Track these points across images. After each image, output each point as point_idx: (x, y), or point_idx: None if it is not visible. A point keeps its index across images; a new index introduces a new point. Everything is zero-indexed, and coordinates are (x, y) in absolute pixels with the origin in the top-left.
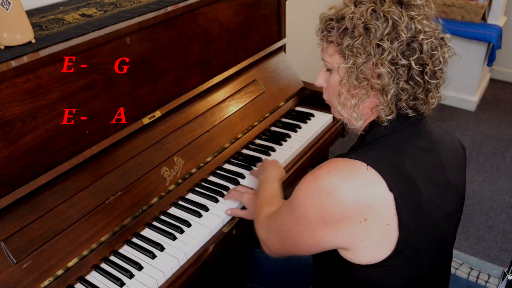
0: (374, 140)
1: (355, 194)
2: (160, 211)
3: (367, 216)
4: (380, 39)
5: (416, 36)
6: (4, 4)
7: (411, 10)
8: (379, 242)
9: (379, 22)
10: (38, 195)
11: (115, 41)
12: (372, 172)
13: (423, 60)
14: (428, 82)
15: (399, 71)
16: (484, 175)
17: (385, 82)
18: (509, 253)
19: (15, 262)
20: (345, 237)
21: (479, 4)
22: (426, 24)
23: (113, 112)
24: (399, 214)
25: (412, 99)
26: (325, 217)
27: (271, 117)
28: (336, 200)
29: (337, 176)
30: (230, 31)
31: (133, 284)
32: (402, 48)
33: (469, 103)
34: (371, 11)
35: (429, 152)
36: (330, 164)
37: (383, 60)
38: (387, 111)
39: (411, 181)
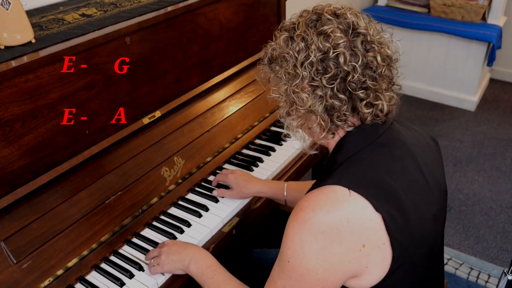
0: (346, 158)
1: (346, 223)
2: (160, 211)
3: (364, 242)
4: (294, 65)
5: (328, 52)
6: (4, 4)
7: (322, 25)
8: (380, 263)
9: (292, 49)
10: (38, 195)
11: (115, 41)
12: (356, 196)
13: (344, 72)
14: (355, 94)
15: (317, 92)
16: (484, 175)
17: (308, 104)
18: (509, 253)
19: (15, 262)
20: (352, 270)
21: (479, 4)
22: (339, 36)
23: (113, 112)
24: (389, 232)
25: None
26: (328, 258)
27: (271, 117)
28: (332, 236)
29: (323, 212)
30: (230, 31)
31: (133, 284)
32: (316, 69)
33: (469, 103)
34: (285, 38)
35: (404, 160)
36: (310, 201)
37: (299, 85)
38: (318, 130)
39: (395, 196)
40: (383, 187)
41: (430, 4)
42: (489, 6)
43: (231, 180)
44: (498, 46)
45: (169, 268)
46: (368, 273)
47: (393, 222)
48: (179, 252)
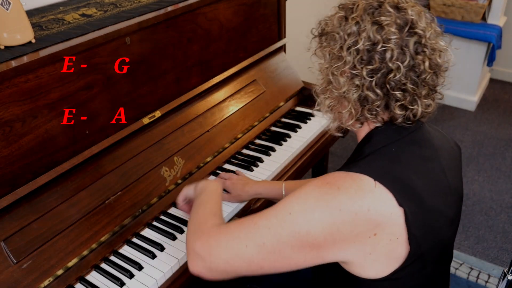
0: (374, 150)
1: (366, 211)
2: (160, 211)
3: (376, 232)
4: (340, 47)
5: (376, 44)
6: (4, 4)
7: (380, 16)
8: (387, 255)
9: (343, 30)
10: (38, 195)
11: (115, 41)
12: (381, 188)
13: (387, 69)
14: (391, 93)
15: (354, 81)
16: (484, 175)
17: (342, 90)
18: (509, 253)
19: (15, 262)
20: (352, 253)
21: (479, 4)
22: (392, 32)
23: (113, 112)
24: (409, 228)
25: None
26: (334, 234)
27: (271, 117)
28: (347, 217)
29: (348, 195)
30: (230, 31)
31: (133, 284)
32: (361, 57)
33: (469, 103)
34: (340, 17)
35: (431, 161)
36: (336, 180)
37: (340, 68)
38: (346, 117)
39: (418, 194)
40: (408, 183)
41: (430, 4)
42: (489, 6)
43: (228, 186)
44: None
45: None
46: (370, 261)
47: (414, 218)
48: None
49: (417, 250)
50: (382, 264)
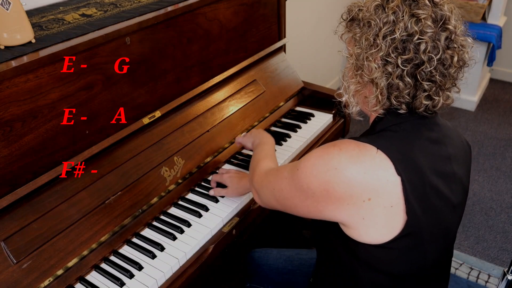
0: (385, 128)
1: (362, 174)
2: (160, 211)
3: (371, 197)
4: (376, 34)
5: (413, 35)
6: (4, 4)
7: (418, 9)
8: (381, 223)
9: (380, 18)
10: (38, 195)
11: (115, 41)
12: (382, 155)
13: (419, 60)
14: (421, 83)
15: (387, 68)
16: (484, 175)
17: (373, 75)
18: (509, 253)
19: (15, 262)
20: (346, 214)
21: (479, 4)
22: (429, 25)
23: (113, 112)
24: (406, 198)
25: (402, 96)
26: (329, 191)
27: (271, 117)
28: (342, 177)
29: (347, 155)
30: (230, 31)
31: (133, 284)
32: (395, 46)
33: (469, 103)
34: (376, 5)
35: (438, 144)
36: (342, 143)
37: (373, 55)
38: (373, 103)
39: (419, 169)
40: (410, 157)
41: None
42: (489, 6)
43: (226, 180)
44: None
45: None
46: (364, 227)
47: (412, 189)
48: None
49: (414, 221)
50: (377, 231)
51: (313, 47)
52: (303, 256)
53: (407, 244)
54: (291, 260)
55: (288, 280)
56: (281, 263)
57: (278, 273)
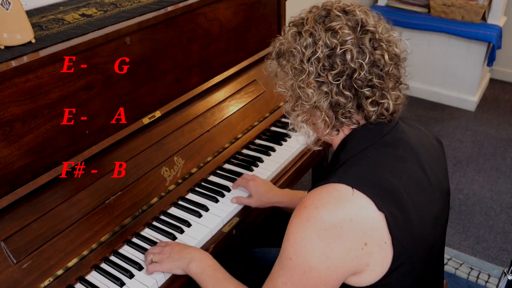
0: (350, 157)
1: (349, 222)
2: (160, 211)
3: (366, 241)
4: (301, 60)
5: (335, 48)
6: (4, 4)
7: (331, 21)
8: (381, 262)
9: (299, 44)
10: (38, 195)
11: (115, 41)
12: (359, 195)
13: (350, 69)
14: (361, 92)
15: (322, 88)
16: (484, 175)
17: (313, 100)
18: (509, 253)
19: (15, 262)
20: (353, 268)
21: (479, 4)
22: (346, 33)
23: (113, 112)
24: (391, 231)
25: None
26: (330, 255)
27: (271, 117)
28: (334, 234)
29: (326, 210)
30: (230, 31)
31: (133, 284)
32: (323, 64)
33: (469, 103)
34: (293, 33)
35: (408, 160)
36: (314, 199)
37: (304, 80)
38: (322, 126)
39: (397, 196)
40: (385, 186)
41: (430, 4)
42: (489, 6)
43: (251, 188)
44: (498, 46)
45: (169, 266)
46: (369, 271)
47: (395, 221)
48: (181, 251)
49: (402, 252)
50: (377, 271)
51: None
52: None
53: (400, 275)
54: None
55: None
56: None
57: None
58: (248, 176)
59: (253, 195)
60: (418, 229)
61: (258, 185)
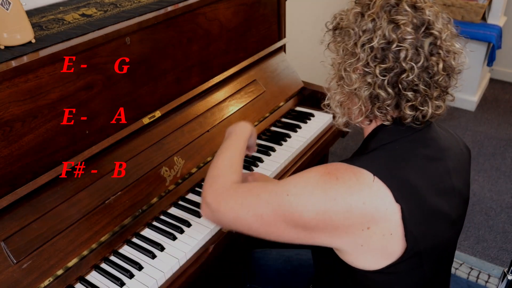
0: (378, 146)
1: (361, 205)
2: (160, 211)
3: (370, 226)
4: (355, 43)
5: (391, 43)
6: (4, 4)
7: (397, 14)
8: (380, 249)
9: (359, 26)
10: (38, 195)
11: (115, 41)
12: (379, 183)
13: (400, 68)
14: (403, 93)
15: (366, 78)
16: (484, 175)
17: (354, 86)
18: (509, 253)
19: (15, 262)
20: (343, 241)
21: (479, 4)
22: (408, 32)
23: (113, 112)
24: (405, 225)
25: (389, 106)
26: (326, 221)
27: (271, 117)
28: (341, 208)
29: (345, 186)
30: (230, 31)
31: (133, 284)
32: (374, 55)
33: (469, 103)
34: (356, 13)
35: (435, 161)
36: (338, 170)
37: (352, 64)
38: (356, 114)
39: (418, 193)
40: (408, 182)
41: None
42: (489, 6)
43: None
44: (498, 46)
45: None
46: (361, 252)
47: (411, 215)
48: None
49: (414, 247)
50: (374, 257)
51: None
52: (303, 257)
53: (406, 269)
54: (291, 260)
55: (287, 280)
56: (281, 264)
57: (278, 273)
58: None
59: None
60: (435, 229)
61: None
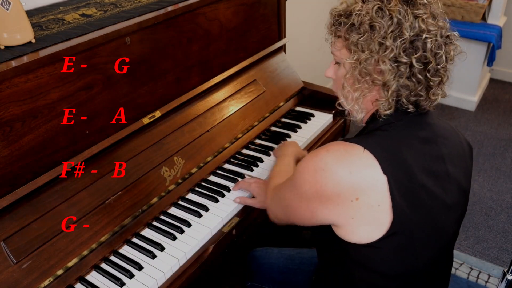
0: (376, 128)
1: (348, 173)
2: (160, 211)
3: (358, 196)
4: (383, 36)
5: (420, 34)
6: (4, 4)
7: (417, 9)
8: (370, 222)
9: (383, 20)
10: (38, 195)
11: (115, 41)
12: (368, 155)
13: (426, 58)
14: (430, 80)
15: (400, 68)
16: (484, 175)
17: (386, 78)
18: (509, 253)
19: (15, 262)
20: (337, 214)
21: (479, 4)
22: (431, 23)
23: (113, 112)
24: (392, 196)
25: (413, 95)
26: (318, 191)
27: (271, 117)
28: (329, 177)
29: (333, 156)
30: (230, 31)
31: (133, 284)
32: (405, 46)
33: (469, 103)
34: (377, 8)
35: (429, 143)
36: (330, 145)
37: (385, 57)
38: (386, 106)
39: (407, 168)
40: (397, 155)
41: None
42: (489, 6)
43: (254, 190)
44: (498, 46)
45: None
46: (354, 226)
47: (398, 187)
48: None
49: (401, 219)
50: (365, 230)
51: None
52: (304, 255)
53: (397, 244)
54: (292, 259)
55: (288, 279)
56: (282, 262)
57: (279, 271)
58: (250, 179)
59: (257, 197)
60: (425, 207)
61: (261, 187)
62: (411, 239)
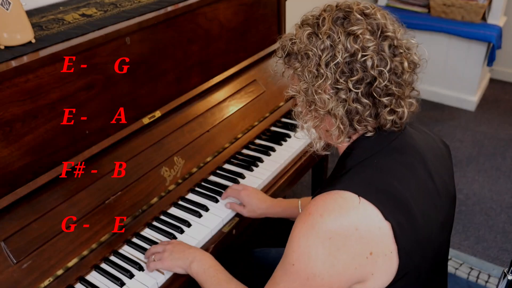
0: (357, 163)
1: (354, 231)
2: (160, 211)
3: (371, 249)
4: (317, 64)
5: (355, 54)
6: (4, 4)
7: (351, 25)
8: (386, 271)
9: (316, 46)
10: (38, 195)
11: (115, 41)
12: (365, 203)
13: (370, 77)
14: (378, 100)
15: (340, 95)
16: (484, 175)
17: (329, 107)
18: (509, 253)
19: (15, 262)
20: (357, 276)
21: (479, 4)
22: (368, 39)
23: (113, 112)
24: (398, 241)
25: (369, 117)
26: (334, 263)
27: (271, 117)
28: (339, 242)
29: (332, 219)
30: (230, 31)
31: (133, 284)
32: (341, 70)
33: (469, 103)
34: (308, 34)
35: (415, 167)
36: (319, 206)
37: (321, 85)
38: (337, 134)
39: (404, 204)
40: (392, 194)
41: (430, 4)
42: (489, 6)
43: (243, 198)
44: (498, 46)
45: (170, 264)
46: (373, 279)
47: (402, 230)
48: (183, 251)
49: (408, 262)
50: (382, 279)
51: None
52: None
53: (404, 283)
54: None
55: None
56: None
57: None
58: (238, 186)
59: (246, 206)
60: (425, 237)
61: (251, 195)
62: (418, 272)
